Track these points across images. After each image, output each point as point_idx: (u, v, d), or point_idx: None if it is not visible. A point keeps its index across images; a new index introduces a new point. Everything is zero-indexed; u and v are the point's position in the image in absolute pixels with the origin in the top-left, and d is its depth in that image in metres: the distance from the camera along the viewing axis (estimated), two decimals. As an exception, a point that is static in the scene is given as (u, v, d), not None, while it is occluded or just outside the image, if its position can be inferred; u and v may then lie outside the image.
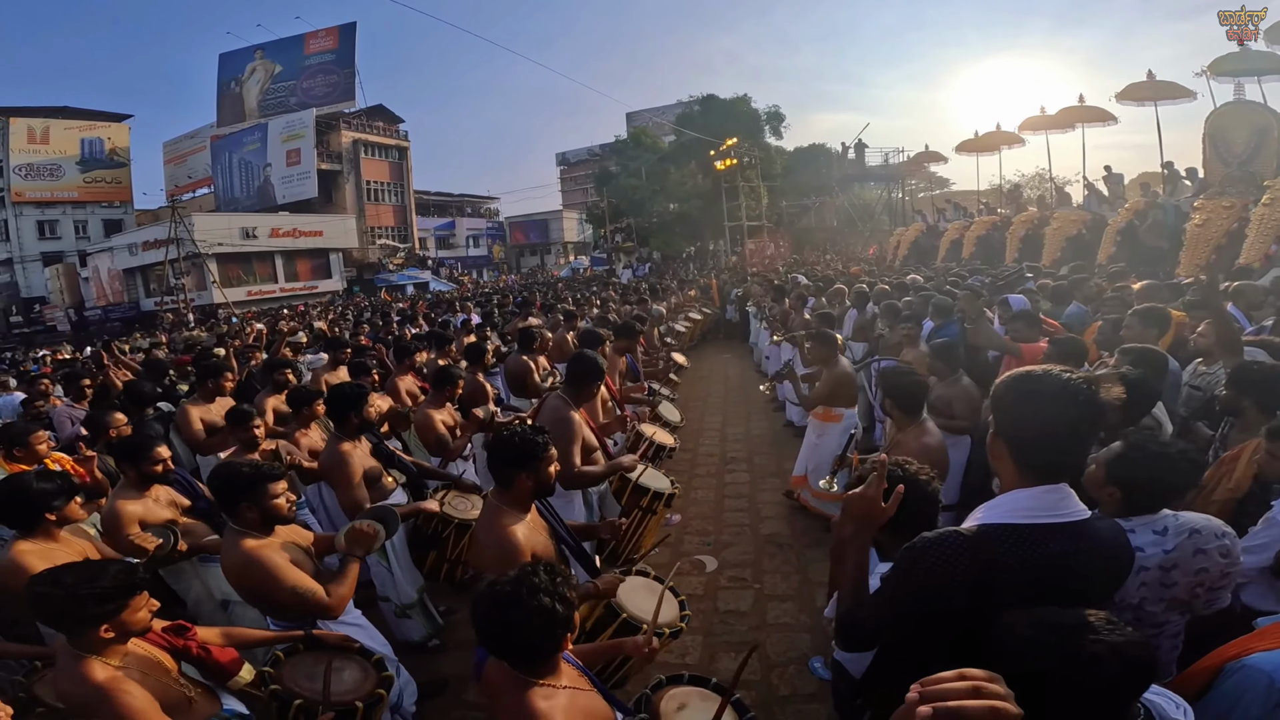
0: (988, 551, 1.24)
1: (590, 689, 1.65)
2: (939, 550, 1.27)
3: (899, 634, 1.42)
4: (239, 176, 39.33)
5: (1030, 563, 1.22)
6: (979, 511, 1.35)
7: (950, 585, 1.25)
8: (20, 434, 3.41)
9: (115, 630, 1.69)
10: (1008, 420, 1.30)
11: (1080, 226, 11.65)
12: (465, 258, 48.90)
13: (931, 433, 3.02)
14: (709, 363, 11.71)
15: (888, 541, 1.83)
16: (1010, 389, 1.29)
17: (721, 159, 24.92)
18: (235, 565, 2.23)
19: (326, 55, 38.27)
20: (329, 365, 5.46)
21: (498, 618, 1.46)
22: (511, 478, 2.21)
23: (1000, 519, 1.28)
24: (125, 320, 30.47)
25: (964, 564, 1.24)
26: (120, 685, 1.63)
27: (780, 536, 4.71)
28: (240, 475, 2.27)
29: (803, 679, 3.20)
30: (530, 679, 1.49)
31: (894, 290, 7.21)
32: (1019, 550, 1.23)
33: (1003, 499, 1.31)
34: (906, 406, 3.07)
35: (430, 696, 3.05)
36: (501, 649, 1.50)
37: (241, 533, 2.23)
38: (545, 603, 1.44)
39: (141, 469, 2.88)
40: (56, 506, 2.38)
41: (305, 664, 2.09)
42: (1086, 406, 1.21)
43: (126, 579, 1.73)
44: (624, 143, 37.71)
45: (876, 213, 29.53)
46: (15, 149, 35.51)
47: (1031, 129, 17.18)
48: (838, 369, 4.52)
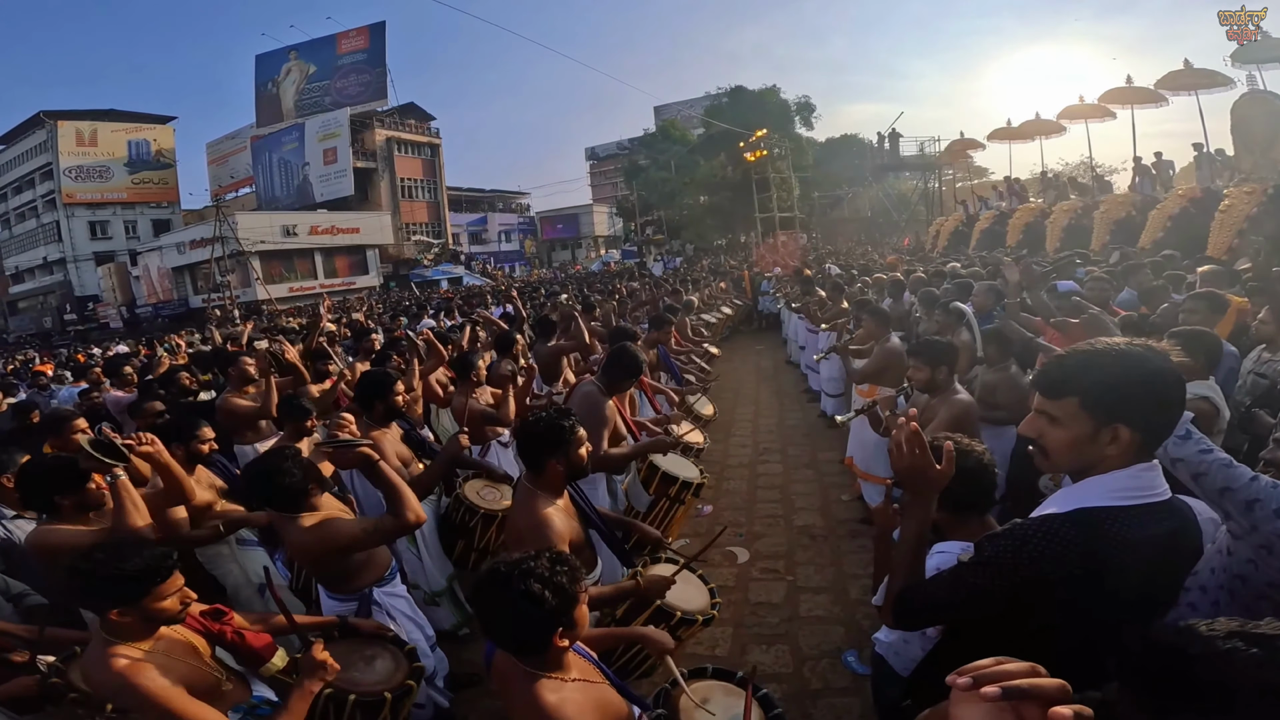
0: (1098, 535, 1.17)
1: (602, 681, 1.60)
2: (1046, 533, 1.20)
3: (967, 619, 1.35)
4: (279, 176, 40.41)
5: (1142, 544, 1.16)
6: (1066, 496, 1.28)
7: (1057, 571, 1.18)
8: (56, 421, 3.53)
9: (139, 615, 1.66)
10: (1136, 406, 1.20)
11: (1130, 209, 11.25)
12: (497, 252, 49.42)
13: (961, 394, 3.07)
14: (741, 354, 11.59)
15: (948, 520, 1.76)
16: (1129, 371, 1.19)
17: (751, 150, 24.65)
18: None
19: (358, 55, 38.98)
20: (360, 356, 5.53)
21: (484, 598, 1.42)
22: (542, 462, 2.19)
23: (1102, 501, 1.20)
24: (175, 317, 31.61)
25: (1075, 549, 1.17)
26: (142, 672, 1.60)
27: (814, 528, 4.62)
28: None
29: (835, 673, 3.13)
30: (537, 671, 1.43)
31: (931, 278, 7.00)
32: (1130, 532, 1.17)
33: (1096, 481, 1.23)
34: (936, 367, 3.11)
35: (463, 687, 3.06)
36: (492, 634, 1.46)
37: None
38: (534, 589, 1.36)
39: (189, 448, 2.96)
40: (67, 491, 2.35)
41: (338, 652, 2.07)
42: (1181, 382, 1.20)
43: (155, 563, 1.68)
44: (653, 136, 37.59)
45: (912, 203, 28.85)
46: (65, 152, 37.09)
47: (1071, 117, 16.63)
48: (889, 345, 4.44)
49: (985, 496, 1.75)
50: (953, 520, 1.76)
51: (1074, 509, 1.22)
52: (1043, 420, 1.28)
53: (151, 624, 1.70)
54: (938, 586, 1.37)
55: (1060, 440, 1.26)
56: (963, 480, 1.66)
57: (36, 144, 38.33)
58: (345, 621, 2.23)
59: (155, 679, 1.59)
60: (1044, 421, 1.28)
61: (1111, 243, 10.50)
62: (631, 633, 2.09)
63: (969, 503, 1.75)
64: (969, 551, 1.35)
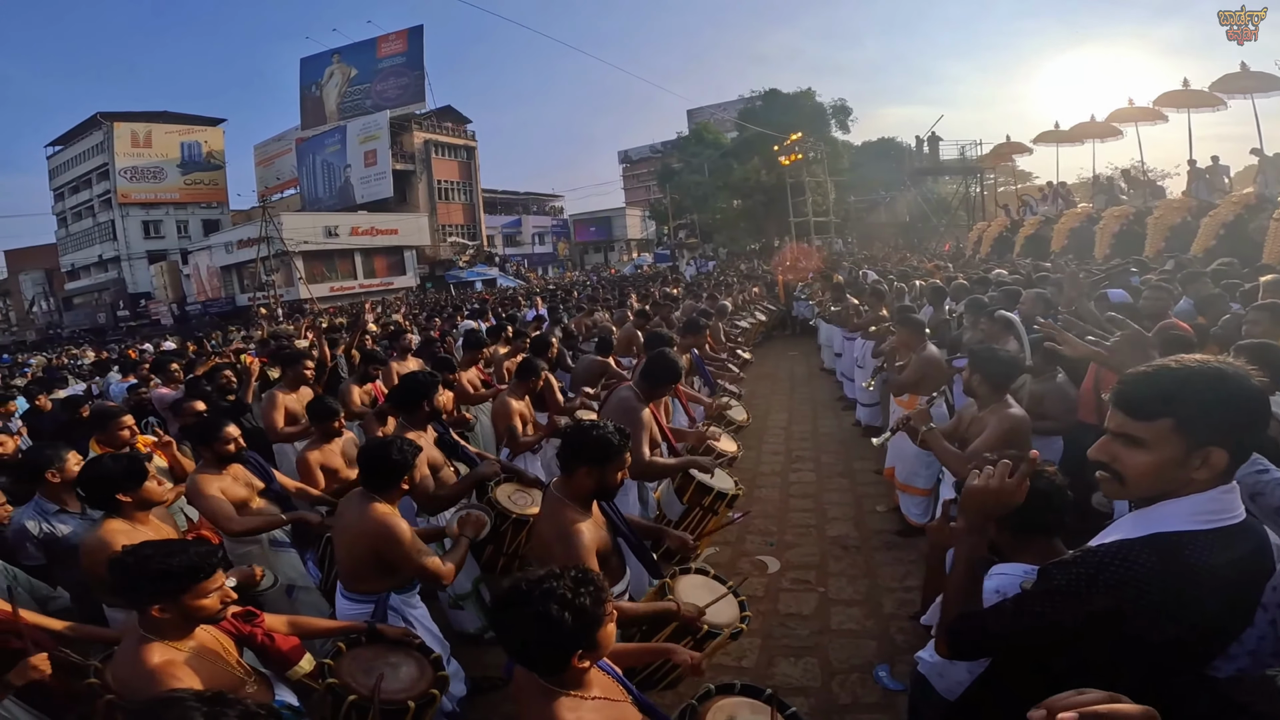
0: (1179, 562, 1.10)
1: (624, 699, 1.55)
2: (1124, 560, 1.14)
3: (1034, 647, 1.28)
4: (322, 177, 41.50)
5: (1223, 568, 1.10)
6: (1139, 520, 1.20)
7: (1138, 601, 1.11)
8: (103, 418, 3.62)
9: (175, 612, 1.66)
10: (1231, 427, 1.13)
11: (1185, 214, 10.81)
12: (531, 254, 49.94)
13: (1014, 407, 2.95)
14: (774, 360, 11.45)
15: (1011, 542, 1.66)
16: (1227, 391, 1.12)
17: (786, 154, 24.35)
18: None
19: (397, 58, 39.80)
20: (397, 355, 5.61)
21: (503, 617, 1.39)
22: (573, 468, 2.17)
23: (1182, 526, 1.13)
24: (222, 314, 32.66)
25: (1155, 577, 1.11)
26: (173, 670, 1.60)
27: (847, 539, 4.52)
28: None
29: (866, 688, 3.05)
30: (556, 689, 1.40)
31: (975, 285, 6.81)
32: (1211, 557, 1.10)
33: (1174, 504, 1.16)
34: (996, 383, 2.99)
35: (484, 691, 3.06)
36: (511, 651, 1.41)
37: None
38: (553, 611, 1.31)
39: (215, 449, 3.01)
40: (128, 488, 2.43)
41: (364, 658, 2.09)
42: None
43: (198, 560, 1.69)
44: (686, 139, 37.60)
45: (953, 207, 28.20)
46: (120, 153, 38.67)
47: (1121, 120, 16.12)
48: (925, 353, 4.33)
49: (1056, 519, 1.66)
50: (1016, 542, 1.66)
51: (1150, 534, 1.15)
52: (1119, 444, 1.20)
53: (190, 623, 1.71)
54: (999, 616, 1.29)
55: (1143, 465, 1.17)
56: (1034, 502, 1.58)
57: (93, 145, 40.05)
58: (373, 627, 2.24)
59: (186, 679, 1.60)
60: (1121, 445, 1.19)
61: (1166, 250, 10.12)
62: (660, 648, 2.05)
63: (1040, 526, 1.64)
64: (1031, 577, 1.28)
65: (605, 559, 2.18)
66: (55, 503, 2.85)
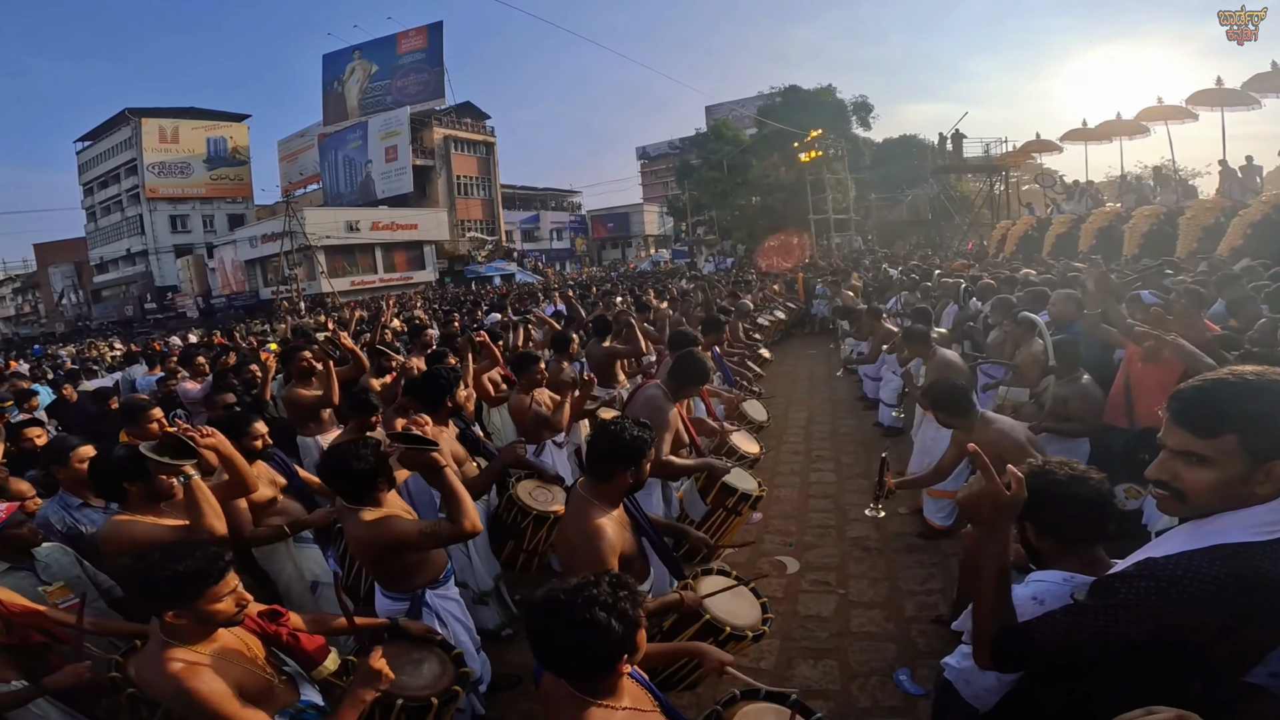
0: (1250, 572, 1.07)
1: (654, 709, 1.54)
2: (1194, 572, 1.10)
3: (1084, 660, 1.25)
4: (343, 173, 41.97)
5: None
6: (1196, 532, 1.17)
7: (1212, 612, 1.09)
8: (133, 411, 3.67)
9: (193, 617, 1.63)
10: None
11: (1218, 214, 10.55)
12: (549, 250, 50.07)
13: (994, 420, 3.02)
14: (794, 359, 11.37)
15: (1052, 548, 1.61)
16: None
17: (806, 151, 24.18)
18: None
19: (417, 54, 40.10)
20: (417, 351, 5.66)
21: (546, 630, 1.34)
22: (612, 473, 2.16)
23: (1245, 537, 1.10)
24: (247, 308, 33.22)
25: (1228, 588, 1.08)
26: (196, 675, 1.58)
27: (868, 540, 4.47)
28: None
29: (886, 691, 3.01)
30: (587, 699, 1.37)
31: (1001, 285, 6.70)
32: (1275, 567, 1.07)
33: (1233, 516, 1.13)
34: (956, 410, 3.04)
35: (503, 688, 3.06)
36: (552, 664, 1.38)
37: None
38: (600, 618, 1.30)
39: (242, 444, 2.96)
40: (134, 477, 2.38)
41: (388, 655, 2.09)
42: None
43: (206, 565, 1.63)
44: (704, 135, 37.34)
45: (976, 205, 27.79)
46: (148, 148, 39.39)
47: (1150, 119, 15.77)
48: (938, 359, 4.28)
49: (1101, 528, 1.62)
50: (1058, 549, 1.61)
51: (1213, 545, 1.11)
52: (1180, 461, 1.16)
53: (208, 626, 1.68)
54: (1052, 629, 1.25)
55: (1207, 482, 1.14)
56: (1080, 509, 1.54)
57: (122, 140, 40.81)
58: (395, 623, 2.25)
59: (208, 683, 1.57)
60: (1182, 463, 1.16)
61: (1199, 251, 9.90)
62: (690, 647, 2.05)
63: (1085, 534, 1.59)
64: (1082, 589, 1.24)
65: (630, 561, 2.17)
66: (78, 496, 2.86)
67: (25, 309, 53.14)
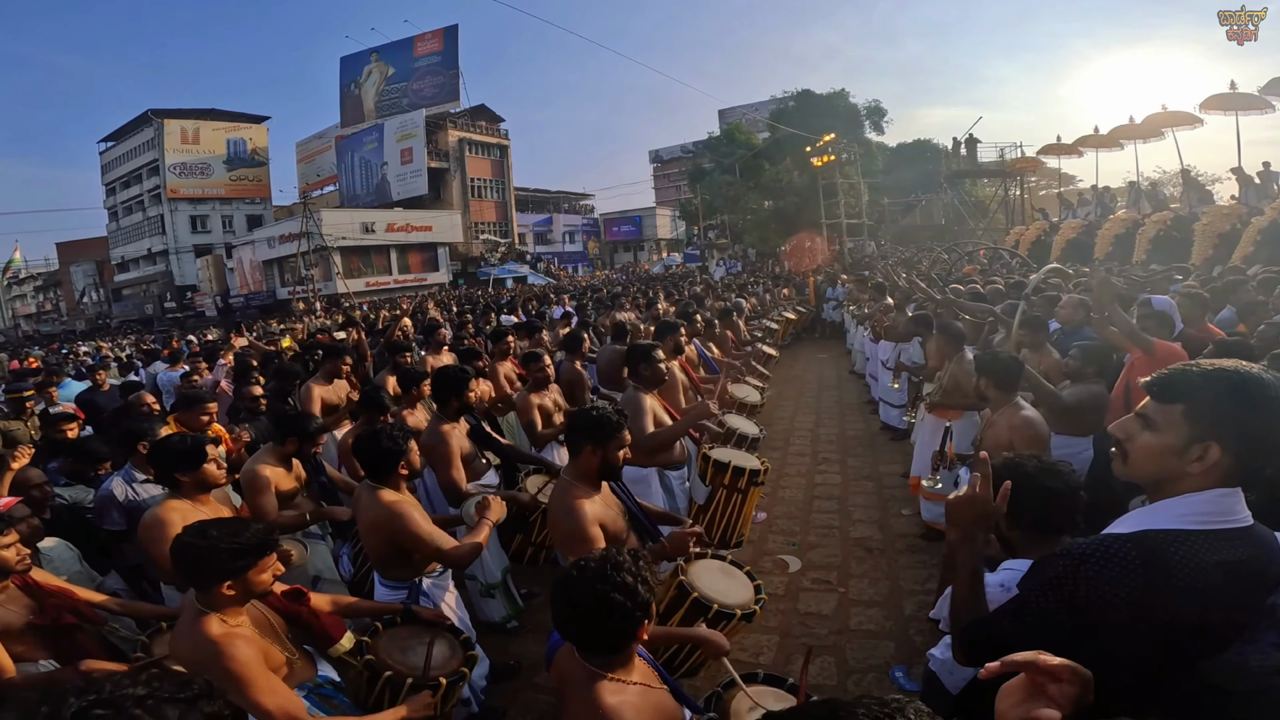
0: (1160, 557, 1.13)
1: (660, 685, 1.61)
2: (1103, 557, 1.16)
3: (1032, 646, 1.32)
4: (360, 174, 42.45)
5: (1210, 570, 1.12)
6: (1134, 518, 1.24)
7: (1115, 596, 1.14)
8: (189, 401, 3.85)
9: (240, 588, 1.75)
10: (1238, 428, 1.15)
11: (1235, 221, 10.45)
12: (562, 253, 50.29)
13: (1025, 408, 3.02)
14: (803, 362, 11.39)
15: (1022, 539, 1.70)
16: (1245, 391, 1.14)
17: (818, 155, 24.10)
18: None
19: (433, 57, 40.54)
20: (431, 349, 5.79)
21: (573, 596, 1.41)
22: (579, 448, 2.30)
23: (1170, 524, 1.16)
24: (264, 307, 33.67)
25: (1136, 570, 1.13)
26: (233, 642, 1.68)
27: (871, 541, 4.52)
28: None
29: (881, 688, 3.06)
30: (601, 672, 1.44)
31: (1010, 289, 6.71)
32: (1196, 557, 1.12)
33: (1167, 504, 1.19)
34: (1004, 385, 3.07)
35: (502, 679, 3.13)
36: (579, 632, 1.44)
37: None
38: (629, 581, 1.39)
39: (302, 447, 3.16)
40: (186, 468, 2.53)
41: (400, 637, 2.21)
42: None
43: (264, 537, 1.80)
44: (717, 139, 37.34)
45: (991, 211, 27.60)
46: (170, 149, 40.03)
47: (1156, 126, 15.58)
48: (965, 363, 4.32)
49: (1066, 518, 1.69)
50: (1027, 540, 1.69)
51: (1139, 530, 1.18)
52: (1137, 423, 1.24)
53: (248, 597, 1.82)
54: (1002, 619, 1.33)
55: (1147, 445, 1.21)
56: (1045, 500, 1.62)
57: (144, 141, 41.54)
58: (409, 608, 2.35)
59: (245, 651, 1.69)
60: (1137, 424, 1.24)
61: (1215, 258, 9.82)
62: (692, 634, 2.12)
63: (1051, 524, 1.67)
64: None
65: (620, 543, 2.25)
66: (144, 472, 3.03)
67: (47, 306, 54.14)
